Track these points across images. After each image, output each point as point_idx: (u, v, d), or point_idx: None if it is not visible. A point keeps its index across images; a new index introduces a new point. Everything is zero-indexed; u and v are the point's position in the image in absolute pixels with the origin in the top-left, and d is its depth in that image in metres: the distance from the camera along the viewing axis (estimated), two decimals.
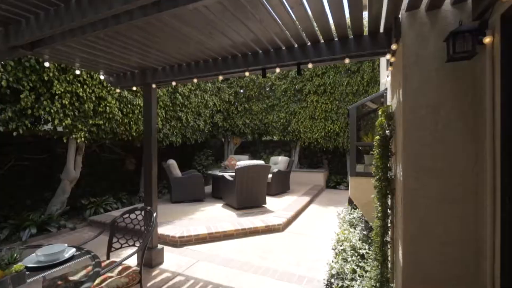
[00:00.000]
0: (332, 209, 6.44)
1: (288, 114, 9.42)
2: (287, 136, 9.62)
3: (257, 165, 5.78)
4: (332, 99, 8.81)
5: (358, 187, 4.04)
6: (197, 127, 8.13)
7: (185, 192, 6.55)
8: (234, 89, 9.54)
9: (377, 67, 8.21)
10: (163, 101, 6.49)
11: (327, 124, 8.85)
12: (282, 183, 7.63)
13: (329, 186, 9.28)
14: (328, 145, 9.05)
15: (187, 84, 7.28)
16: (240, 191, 5.74)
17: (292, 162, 7.92)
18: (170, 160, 6.59)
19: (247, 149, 11.55)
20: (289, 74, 9.27)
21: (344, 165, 9.83)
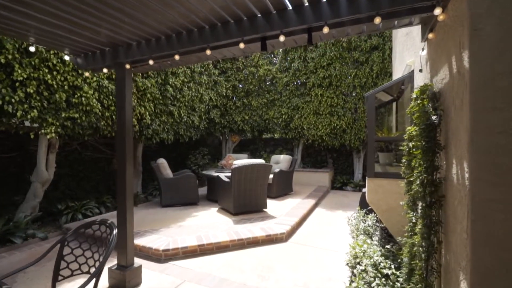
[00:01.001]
0: (340, 213, 5.76)
1: (290, 109, 8.74)
2: (289, 133, 8.95)
3: (257, 164, 5.10)
4: (338, 92, 8.12)
5: (377, 191, 3.35)
6: (191, 123, 7.45)
7: (176, 194, 5.88)
8: (232, 83, 8.86)
9: (388, 57, 7.52)
10: (151, 93, 5.81)
11: (332, 120, 8.16)
12: (284, 184, 6.95)
13: (335, 187, 8.60)
14: (334, 143, 8.37)
15: (178, 75, 6.60)
16: (237, 194, 5.06)
17: (295, 161, 7.24)
18: (160, 159, 5.91)
19: (247, 147, 10.87)
20: (291, 66, 8.57)
21: (351, 164, 9.14)
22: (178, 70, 6.52)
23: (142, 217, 5.04)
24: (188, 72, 6.90)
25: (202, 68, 7.64)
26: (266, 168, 5.25)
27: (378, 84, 7.72)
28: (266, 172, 5.29)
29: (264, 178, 5.31)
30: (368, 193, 3.43)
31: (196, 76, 7.32)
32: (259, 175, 5.21)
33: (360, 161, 8.60)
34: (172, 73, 6.40)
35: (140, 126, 5.83)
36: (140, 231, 4.24)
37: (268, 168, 5.30)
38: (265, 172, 5.27)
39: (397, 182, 3.23)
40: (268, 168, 5.29)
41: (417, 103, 2.12)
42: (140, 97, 5.63)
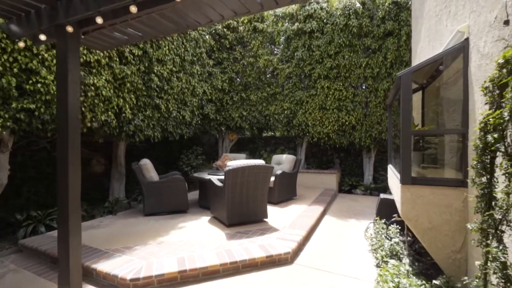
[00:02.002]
0: (353, 223, 4.91)
1: (293, 104, 7.88)
2: (291, 131, 8.09)
3: (255, 165, 4.25)
4: (347, 84, 7.26)
5: (415, 202, 2.50)
6: (182, 119, 6.60)
7: (162, 201, 5.03)
8: (228, 75, 8.00)
9: (404, 44, 6.66)
10: (132, 82, 4.96)
11: (340, 116, 7.30)
12: (287, 187, 6.11)
13: (343, 190, 7.74)
14: (342, 141, 7.51)
15: (165, 63, 5.75)
16: (231, 201, 4.21)
17: (299, 161, 6.39)
18: (143, 160, 5.06)
19: (245, 146, 10.03)
20: (294, 56, 7.71)
21: (360, 165, 8.29)
22: (165, 57, 5.67)
23: (118, 230, 4.20)
24: (177, 60, 6.05)
25: (194, 57, 6.79)
26: (266, 170, 4.40)
27: (393, 75, 6.86)
28: (266, 175, 4.44)
29: (264, 182, 4.46)
30: (402, 205, 2.57)
31: (187, 65, 6.47)
32: (258, 179, 4.36)
33: (370, 162, 7.74)
34: (158, 60, 5.55)
35: (119, 121, 4.99)
36: (109, 250, 3.39)
37: (269, 170, 4.44)
38: (265, 175, 4.42)
39: (444, 191, 2.38)
40: (269, 170, 4.44)
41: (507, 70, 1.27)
42: (118, 87, 4.78)
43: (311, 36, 7.50)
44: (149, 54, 5.28)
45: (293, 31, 7.60)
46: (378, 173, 8.01)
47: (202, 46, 7.08)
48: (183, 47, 6.24)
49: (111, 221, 4.70)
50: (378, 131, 7.13)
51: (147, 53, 5.24)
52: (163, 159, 7.90)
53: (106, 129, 4.80)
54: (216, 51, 7.99)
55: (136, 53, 4.95)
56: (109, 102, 4.62)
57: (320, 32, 7.38)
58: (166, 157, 7.98)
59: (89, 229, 4.25)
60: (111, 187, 5.93)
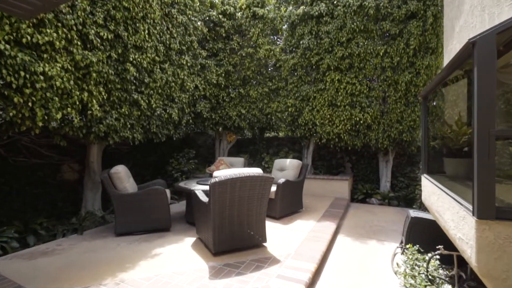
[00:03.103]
0: (375, 246, 3.91)
1: (298, 100, 6.89)
2: (296, 131, 7.10)
3: (250, 176, 3.28)
4: (362, 77, 6.24)
5: (505, 251, 1.50)
6: (168, 118, 5.67)
7: (137, 218, 4.11)
8: (224, 68, 7.05)
9: (430, 28, 5.62)
10: (100, 72, 4.04)
11: (354, 113, 6.29)
12: (292, 199, 5.13)
13: (356, 199, 6.72)
14: (355, 142, 6.49)
15: (145, 50, 4.82)
16: (218, 223, 3.26)
17: (306, 167, 5.40)
18: (114, 168, 4.14)
19: (245, 148, 9.07)
20: (300, 45, 6.72)
21: (375, 170, 7.25)
22: (145, 44, 4.74)
23: (75, 258, 3.28)
24: (161, 49, 5.12)
25: (182, 46, 5.85)
26: (264, 181, 3.43)
27: (416, 64, 5.81)
28: (264, 188, 3.46)
29: (262, 197, 3.49)
30: (479, 253, 1.57)
31: (173, 55, 5.54)
32: (253, 193, 3.39)
33: (388, 166, 6.71)
34: (135, 47, 4.62)
35: (86, 119, 4.08)
36: None
37: (267, 182, 3.47)
38: (263, 188, 3.45)
39: None
40: (267, 181, 3.47)
41: None
42: (81, 78, 3.86)
43: (319, 21, 6.50)
44: (123, 38, 4.36)
45: (298, 16, 6.61)
46: (397, 179, 6.97)
47: (192, 33, 6.15)
48: (168, 33, 5.31)
49: (73, 243, 3.79)
50: (398, 131, 6.10)
51: (120, 37, 4.32)
52: (151, 163, 7.00)
53: (68, 129, 3.90)
54: (211, 40, 7.05)
55: (105, 36, 4.03)
56: (68, 96, 3.70)
57: (330, 16, 6.38)
58: (155, 161, 7.08)
59: (40, 257, 3.34)
60: (84, 198, 5.03)
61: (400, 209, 5.95)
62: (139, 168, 6.66)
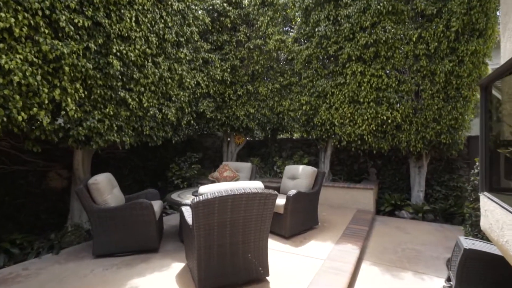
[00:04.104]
0: (411, 280, 3.01)
1: (314, 97, 6.03)
2: (312, 132, 6.25)
3: (245, 194, 2.52)
4: (390, 68, 5.28)
5: None
6: (165, 119, 5.04)
7: (120, 236, 3.48)
8: (230, 62, 6.33)
9: (477, 5, 4.56)
10: (73, 66, 3.44)
11: (380, 111, 5.33)
12: (305, 213, 4.30)
13: (383, 211, 5.75)
14: (382, 145, 5.52)
15: (134, 41, 4.20)
16: (204, 253, 2.52)
17: (322, 175, 4.55)
18: (93, 178, 3.53)
19: (256, 151, 8.32)
20: (315, 33, 5.86)
21: (405, 177, 6.23)
22: (132, 33, 4.12)
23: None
24: (153, 40, 4.48)
25: (180, 37, 5.20)
26: (265, 199, 2.65)
27: (459, 50, 4.76)
28: (265, 208, 2.68)
29: (263, 219, 2.71)
30: None
31: (168, 47, 4.89)
32: (250, 215, 2.63)
33: (421, 173, 5.68)
34: (120, 36, 4.01)
35: (64, 121, 3.51)
36: None
37: (269, 200, 2.68)
38: (263, 207, 2.67)
39: None
40: (269, 199, 2.68)
41: None
42: (52, 72, 3.29)
43: (337, 4, 5.61)
44: (104, 27, 3.75)
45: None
46: (432, 188, 5.92)
47: (192, 23, 5.48)
48: (162, 22, 4.67)
49: (42, 267, 3.22)
50: (434, 132, 5.08)
51: (100, 25, 3.72)
52: (150, 169, 6.44)
53: (39, 132, 3.34)
54: (215, 32, 6.36)
55: (80, 23, 3.43)
56: (34, 94, 3.13)
57: None
58: (155, 167, 6.50)
59: None
60: (70, 209, 4.52)
61: (438, 226, 4.94)
62: (137, 174, 6.12)
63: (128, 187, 5.87)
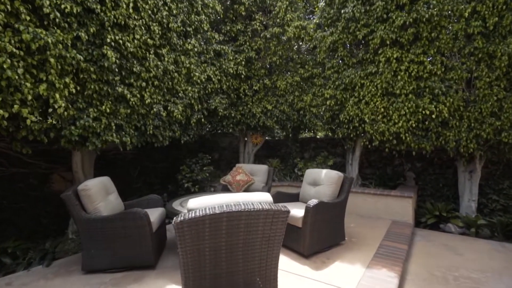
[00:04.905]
0: None
1: (339, 90, 5.26)
2: (337, 130, 5.48)
3: (245, 211, 1.92)
4: (434, 52, 4.38)
5: None
6: (172, 117, 4.60)
7: (112, 250, 3.06)
8: (245, 54, 5.75)
9: None
10: (63, 58, 3.06)
11: (421, 104, 4.44)
12: (329, 227, 3.60)
13: (424, 223, 4.84)
14: (423, 145, 4.62)
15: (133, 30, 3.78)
16: (194, 284, 1.96)
17: (350, 182, 3.81)
18: (83, 184, 3.15)
19: (276, 151, 7.70)
20: (341, 16, 5.09)
21: (451, 183, 5.26)
22: (131, 22, 3.70)
23: None
24: (155, 29, 4.04)
25: (187, 27, 4.72)
26: (273, 217, 2.03)
27: None
28: (273, 228, 2.06)
29: (271, 242, 2.09)
30: None
31: (174, 37, 4.42)
32: (254, 237, 2.03)
33: (473, 178, 4.69)
34: (116, 25, 3.60)
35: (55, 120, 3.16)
36: None
37: (279, 219, 2.06)
38: (270, 227, 2.05)
39: None
40: (278, 217, 2.05)
41: None
42: (37, 65, 2.93)
43: None
44: (97, 13, 3.35)
45: None
46: (487, 197, 4.89)
47: (201, 11, 4.99)
48: (165, 9, 4.21)
49: (27, 282, 2.88)
50: (493, 129, 4.10)
51: (92, 11, 3.33)
52: (162, 171, 6.07)
53: (25, 132, 3.02)
54: (228, 22, 5.82)
55: (68, 9, 3.05)
56: (16, 89, 2.79)
57: None
58: (167, 168, 6.13)
59: None
60: None
61: (498, 245, 3.97)
62: (147, 177, 5.78)
63: (138, 190, 5.55)
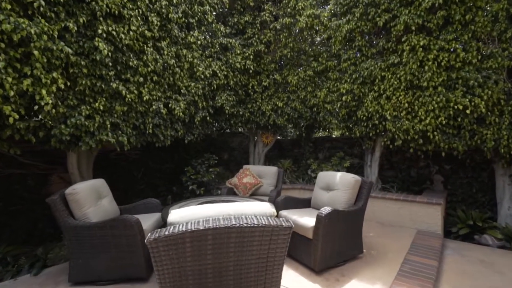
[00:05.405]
0: None
1: (357, 84, 4.76)
2: (354, 129, 4.97)
3: (234, 227, 1.54)
4: (468, 37, 3.79)
5: None
6: (174, 115, 4.31)
7: (101, 260, 2.78)
8: (254, 48, 5.37)
9: None
10: (50, 50, 2.82)
11: (452, 98, 3.87)
12: (344, 238, 3.15)
13: (455, 234, 4.26)
14: (454, 145, 4.04)
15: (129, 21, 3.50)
16: None
17: (369, 187, 3.33)
18: (71, 188, 2.89)
19: (288, 152, 7.27)
20: (358, 1, 4.58)
21: (487, 188, 4.62)
22: (126, 12, 3.42)
23: None
24: (153, 19, 3.75)
25: (190, 18, 4.41)
26: (272, 235, 1.64)
27: None
28: (272, 248, 1.67)
29: (269, 266, 1.70)
30: None
31: (174, 29, 4.12)
32: (249, 258, 1.64)
33: None
34: (109, 15, 3.33)
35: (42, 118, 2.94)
36: None
37: (279, 236, 1.66)
38: (267, 248, 1.66)
39: None
40: (279, 235, 1.66)
41: None
42: (20, 58, 2.70)
43: None
44: (88, 2, 3.10)
45: None
46: None
47: (206, 2, 4.66)
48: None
49: None
50: None
51: (82, 0, 3.07)
52: (167, 172, 5.82)
53: (10, 132, 2.80)
54: (236, 14, 5.46)
55: None
56: None
57: None
58: (173, 169, 5.87)
59: None
60: None
61: None
62: (151, 178, 5.54)
63: (141, 192, 5.32)
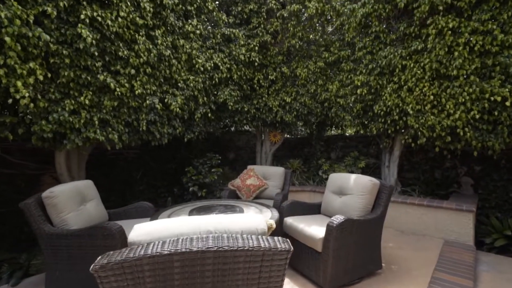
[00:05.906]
0: None
1: (373, 75, 4.26)
2: (370, 125, 4.47)
3: (213, 251, 1.15)
4: (508, 16, 3.22)
5: None
6: (171, 111, 3.97)
7: (77, 273, 2.47)
8: (259, 39, 4.96)
9: None
10: (26, 37, 2.53)
11: (487, 88, 3.31)
12: (359, 251, 2.70)
13: (488, 246, 3.69)
14: (490, 142, 3.47)
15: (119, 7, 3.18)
16: None
17: (389, 191, 2.86)
18: (48, 191, 2.60)
19: (298, 151, 6.82)
20: None
21: None
22: None
23: None
24: (145, 5, 3.41)
25: (189, 6, 4.05)
26: (264, 261, 1.23)
27: None
28: (263, 278, 1.27)
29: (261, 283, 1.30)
30: None
31: (170, 17, 3.78)
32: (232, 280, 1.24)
33: None
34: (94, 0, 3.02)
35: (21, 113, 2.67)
36: None
37: (273, 262, 1.26)
38: (257, 278, 1.26)
39: None
40: (273, 260, 1.25)
41: None
42: None
43: None
44: None
45: None
46: None
47: None
48: None
49: None
50: None
51: None
52: (169, 172, 5.52)
53: None
54: (240, 2, 5.06)
55: None
56: None
57: None
58: (175, 169, 5.56)
59: None
60: None
61: None
62: (152, 178, 5.25)
63: (141, 193, 5.05)
